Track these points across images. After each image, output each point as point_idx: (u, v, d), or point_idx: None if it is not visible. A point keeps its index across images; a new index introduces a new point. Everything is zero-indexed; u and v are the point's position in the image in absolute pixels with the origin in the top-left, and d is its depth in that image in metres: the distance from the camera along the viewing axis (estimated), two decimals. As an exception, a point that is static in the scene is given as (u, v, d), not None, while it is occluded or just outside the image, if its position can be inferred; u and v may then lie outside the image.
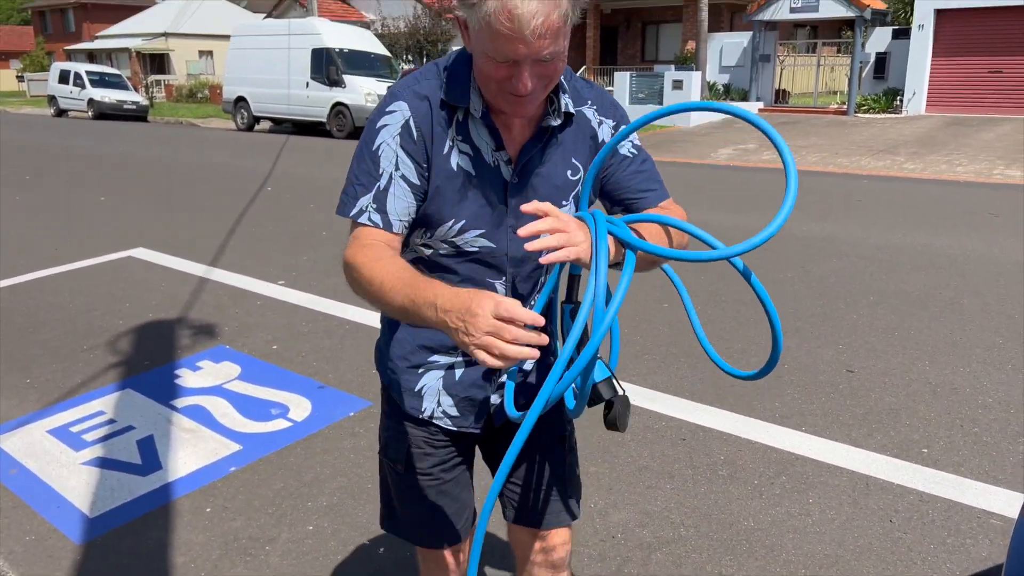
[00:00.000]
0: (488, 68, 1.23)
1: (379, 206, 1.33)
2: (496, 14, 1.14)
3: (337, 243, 6.96)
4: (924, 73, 19.57)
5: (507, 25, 1.15)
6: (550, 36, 1.17)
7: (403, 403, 1.54)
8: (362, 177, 1.34)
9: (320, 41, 19.48)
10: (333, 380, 3.94)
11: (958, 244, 6.82)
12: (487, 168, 1.36)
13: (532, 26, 1.14)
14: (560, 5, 1.16)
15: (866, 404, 3.59)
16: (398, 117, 1.33)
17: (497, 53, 1.19)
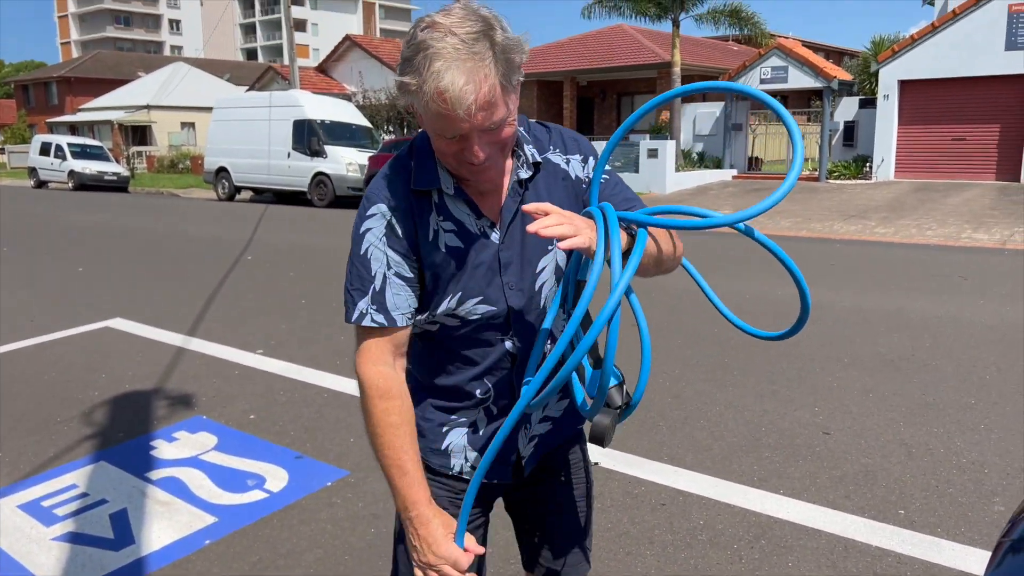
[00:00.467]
0: (441, 145, 1.30)
1: (379, 306, 1.39)
2: (433, 98, 1.21)
3: (316, 311, 6.97)
4: (891, 140, 20.18)
5: (444, 107, 1.21)
6: (486, 109, 1.23)
7: (429, 461, 1.55)
8: (356, 283, 1.40)
9: (302, 113, 19.82)
10: (311, 450, 3.91)
11: (930, 307, 6.95)
12: (475, 238, 1.41)
13: (466, 105, 1.21)
14: (488, 79, 1.22)
15: (843, 466, 3.62)
16: (379, 219, 1.39)
17: (444, 131, 1.26)
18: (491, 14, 1.28)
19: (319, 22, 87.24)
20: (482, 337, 1.47)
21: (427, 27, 1.23)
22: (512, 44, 1.26)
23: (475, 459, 1.55)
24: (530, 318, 1.48)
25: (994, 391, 4.63)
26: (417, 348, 1.52)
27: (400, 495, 1.39)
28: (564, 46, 29.93)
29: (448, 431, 1.55)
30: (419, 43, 1.22)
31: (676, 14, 21.19)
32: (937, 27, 19.36)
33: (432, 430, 1.55)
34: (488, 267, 1.42)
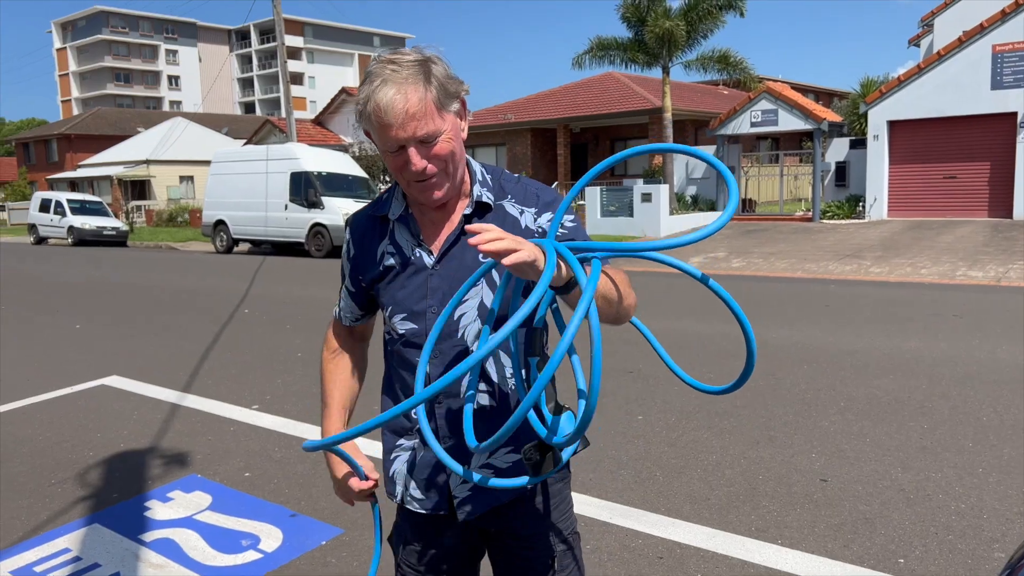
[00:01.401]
0: (389, 162, 1.48)
1: (340, 305, 1.78)
2: (372, 112, 1.42)
3: (312, 365, 6.96)
4: (883, 180, 20.38)
5: (380, 117, 1.41)
6: (417, 119, 1.41)
7: (386, 486, 1.68)
8: (342, 283, 1.75)
9: (299, 165, 20.03)
10: (305, 507, 3.88)
11: (925, 346, 6.96)
12: (408, 261, 1.59)
13: (396, 112, 1.39)
14: (418, 92, 1.41)
15: (841, 514, 3.59)
16: (347, 237, 1.71)
17: (386, 144, 1.45)
18: (434, 54, 1.47)
19: (316, 75, 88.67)
20: (406, 357, 1.61)
21: (376, 62, 1.45)
22: (448, 75, 1.46)
23: (413, 488, 1.63)
24: (450, 344, 1.55)
25: (991, 433, 4.61)
26: (387, 366, 1.71)
27: (322, 426, 1.74)
28: (556, 94, 30.41)
29: (395, 458, 1.67)
30: (367, 73, 1.45)
31: (666, 61, 21.57)
32: (923, 68, 19.70)
33: (384, 457, 1.70)
34: (417, 288, 1.58)
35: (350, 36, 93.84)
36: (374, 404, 5.27)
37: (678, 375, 1.63)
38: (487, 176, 1.61)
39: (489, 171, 1.63)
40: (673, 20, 20.76)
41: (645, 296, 10.44)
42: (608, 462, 4.36)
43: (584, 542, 3.40)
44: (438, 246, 1.57)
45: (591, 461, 4.36)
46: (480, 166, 1.63)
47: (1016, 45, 18.28)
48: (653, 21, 20.80)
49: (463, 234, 1.53)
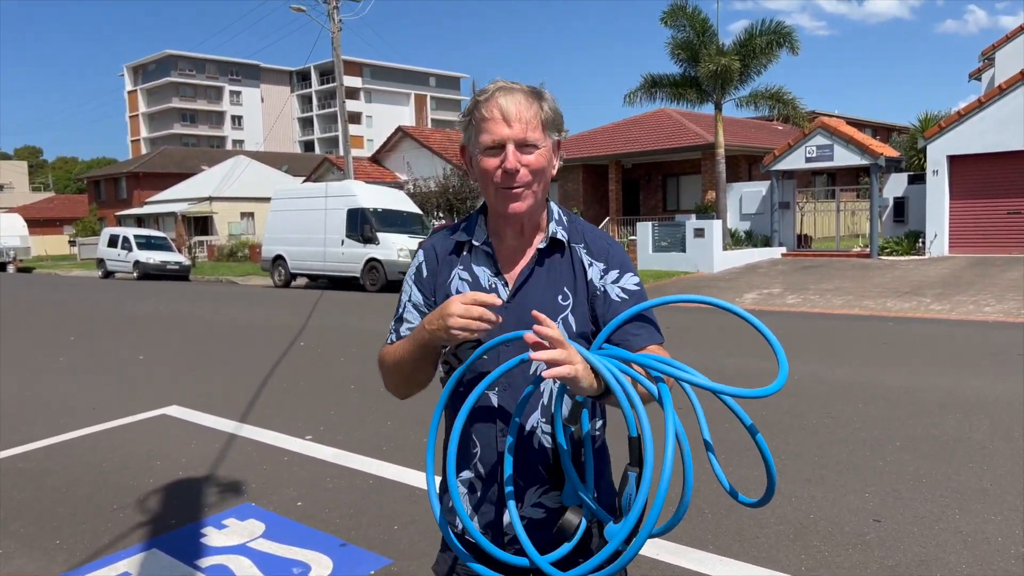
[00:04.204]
0: (484, 165, 1.56)
1: (396, 328, 1.71)
2: (486, 105, 1.55)
3: (365, 396, 7.09)
4: (943, 215, 19.92)
5: (493, 111, 1.54)
6: (525, 123, 1.54)
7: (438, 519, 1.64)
8: (397, 310, 1.73)
9: (356, 202, 20.51)
10: (355, 537, 3.95)
11: (987, 386, 6.76)
12: (484, 291, 1.61)
13: (510, 110, 1.54)
14: (532, 107, 1.56)
15: (895, 555, 3.51)
16: (416, 262, 1.72)
17: (491, 138, 1.54)
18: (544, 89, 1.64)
19: (373, 115, 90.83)
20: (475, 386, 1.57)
21: (493, 82, 1.60)
22: (556, 109, 1.63)
23: (469, 524, 1.59)
24: (518, 379, 1.57)
25: (1056, 475, 4.46)
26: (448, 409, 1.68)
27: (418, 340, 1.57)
28: (608, 131, 30.58)
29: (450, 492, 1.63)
30: (480, 90, 1.60)
31: (718, 98, 21.57)
32: (984, 102, 19.32)
33: (442, 493, 1.72)
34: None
35: (406, 76, 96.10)
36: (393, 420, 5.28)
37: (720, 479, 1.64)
38: (563, 217, 1.70)
39: (565, 214, 1.72)
40: (728, 56, 20.80)
41: (699, 332, 10.34)
42: (656, 498, 4.33)
43: (630, 578, 3.40)
44: (512, 279, 1.62)
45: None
46: (558, 207, 1.72)
47: (1082, 77, 17.81)
48: (707, 58, 20.87)
49: (537, 266, 1.62)
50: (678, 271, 20.50)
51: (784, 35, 21.06)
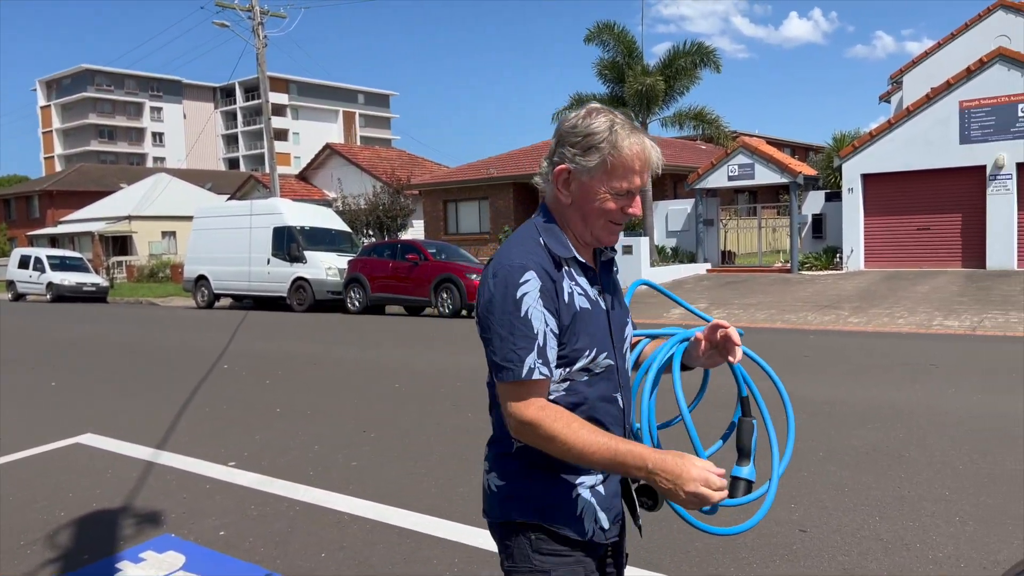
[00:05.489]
0: (606, 204, 1.63)
1: (543, 360, 1.56)
2: (635, 153, 1.60)
3: (291, 420, 6.91)
4: (859, 231, 20.73)
5: (642, 161, 1.61)
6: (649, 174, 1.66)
7: (565, 531, 1.64)
8: (520, 341, 1.55)
9: (282, 220, 20.14)
10: (281, 566, 3.82)
11: (903, 397, 7.01)
12: (593, 301, 1.67)
13: (652, 163, 1.63)
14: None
15: (820, 565, 3.58)
16: (535, 284, 1.58)
17: (627, 184, 1.61)
18: None
19: (300, 131, 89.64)
20: (602, 392, 1.68)
21: (600, 111, 1.63)
22: None
23: (603, 519, 1.68)
24: (624, 373, 1.75)
25: (968, 482, 4.64)
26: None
27: (627, 462, 1.49)
28: (539, 149, 30.85)
29: (577, 496, 1.65)
30: (607, 119, 1.61)
31: (644, 117, 22.01)
32: (894, 123, 20.24)
33: (565, 500, 1.64)
34: (603, 326, 1.68)
35: (334, 93, 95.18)
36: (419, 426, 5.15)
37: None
38: None
39: None
40: (653, 76, 21.26)
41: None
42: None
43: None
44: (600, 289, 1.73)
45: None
46: None
47: (982, 101, 18.85)
48: (633, 78, 21.29)
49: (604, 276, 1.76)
50: (607, 287, 20.75)
51: (707, 54, 21.67)
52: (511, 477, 1.67)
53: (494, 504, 1.70)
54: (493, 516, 1.71)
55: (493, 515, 1.71)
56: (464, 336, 13.54)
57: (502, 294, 1.57)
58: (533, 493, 1.64)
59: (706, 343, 1.78)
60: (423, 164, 39.49)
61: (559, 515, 1.63)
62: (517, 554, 1.66)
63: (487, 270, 1.65)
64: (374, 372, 9.54)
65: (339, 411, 7.29)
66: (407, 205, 29.56)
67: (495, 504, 1.69)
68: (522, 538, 1.65)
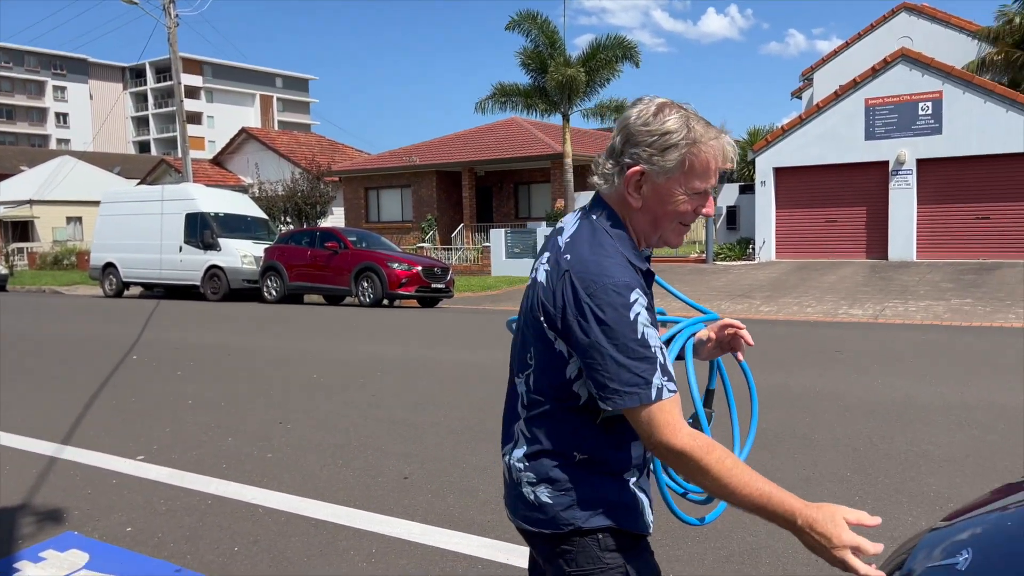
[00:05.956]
0: (680, 206, 1.56)
1: (668, 377, 1.49)
2: (721, 154, 1.53)
3: (203, 412, 6.72)
4: (771, 223, 21.44)
5: (722, 161, 1.55)
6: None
7: (642, 528, 1.64)
8: (643, 364, 1.47)
9: (195, 206, 19.50)
10: (192, 562, 3.71)
11: (809, 382, 7.30)
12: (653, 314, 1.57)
13: (731, 155, 1.56)
14: None
15: (729, 546, 3.70)
16: (642, 302, 1.49)
17: (704, 184, 1.55)
18: None
19: (215, 115, 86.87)
20: None
21: (671, 106, 1.54)
22: None
23: (650, 513, 1.68)
24: None
25: (868, 463, 4.87)
26: (604, 435, 1.60)
27: (779, 513, 1.45)
28: (462, 138, 30.78)
29: (634, 494, 1.64)
30: (682, 114, 1.53)
31: (566, 108, 22.19)
32: (804, 119, 20.98)
33: (629, 499, 1.63)
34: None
35: (251, 76, 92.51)
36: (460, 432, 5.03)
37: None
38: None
39: None
40: (575, 67, 21.44)
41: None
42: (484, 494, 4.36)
43: (480, 585, 3.39)
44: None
45: (491, 502, 4.37)
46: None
47: (886, 99, 19.72)
48: (555, 69, 21.42)
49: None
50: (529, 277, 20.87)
51: (627, 49, 21.98)
52: (571, 486, 1.61)
53: (552, 516, 1.62)
54: (552, 527, 1.62)
55: (551, 527, 1.62)
56: (385, 326, 13.43)
57: (614, 318, 1.46)
58: (599, 497, 1.61)
59: (714, 340, 1.80)
60: (343, 150, 38.86)
61: (626, 514, 1.62)
62: (583, 558, 1.61)
63: (569, 283, 1.51)
64: (291, 362, 9.36)
65: (254, 402, 7.13)
66: (327, 192, 29.04)
67: (554, 516, 1.62)
68: (588, 540, 1.61)
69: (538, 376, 1.61)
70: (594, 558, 1.61)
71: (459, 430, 6.00)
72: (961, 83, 19.01)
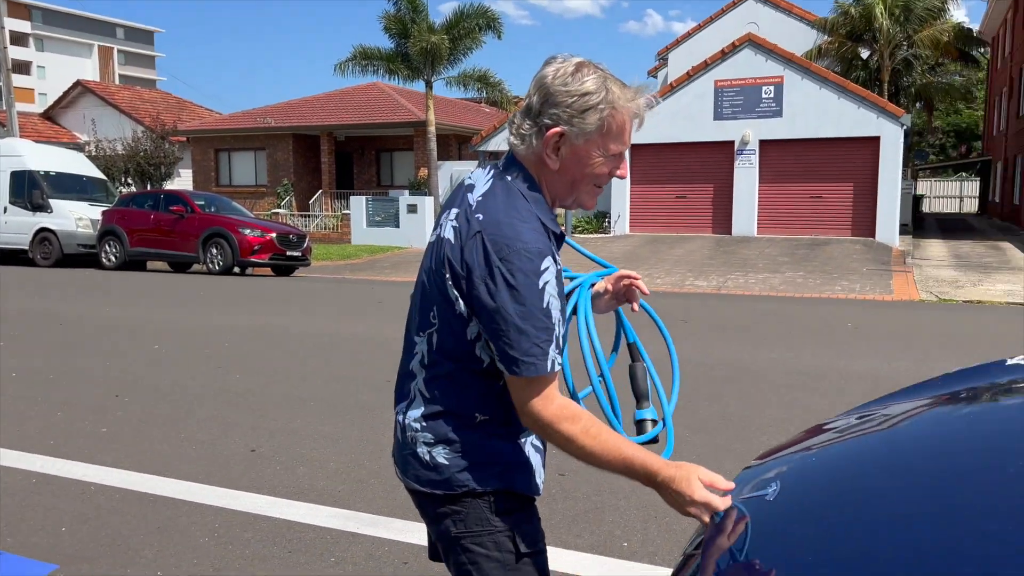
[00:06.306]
0: (597, 168, 1.54)
1: (559, 349, 1.51)
2: (629, 112, 1.52)
3: (28, 385, 6.22)
4: (626, 198, 22.18)
5: (633, 121, 1.54)
6: None
7: (527, 488, 1.63)
8: (542, 335, 1.46)
9: (22, 163, 17.90)
10: (14, 544, 3.44)
11: (655, 348, 7.62)
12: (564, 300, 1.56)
13: (643, 114, 1.55)
14: None
15: (576, 506, 3.84)
16: (552, 271, 1.48)
17: (618, 146, 1.54)
18: None
19: (47, 65, 79.68)
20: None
21: (588, 66, 1.52)
22: None
23: (541, 474, 1.70)
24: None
25: (705, 423, 5.16)
26: (507, 396, 1.55)
27: (641, 473, 1.47)
28: (321, 100, 29.81)
29: (528, 455, 1.65)
30: (600, 74, 1.51)
31: (428, 76, 21.94)
32: (658, 98, 21.72)
33: (523, 461, 1.64)
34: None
35: (89, 25, 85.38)
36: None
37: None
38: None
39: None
40: (438, 34, 21.19)
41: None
42: (358, 471, 4.32)
43: (329, 555, 3.35)
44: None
45: (341, 472, 4.31)
46: None
47: (733, 82, 20.75)
48: (417, 35, 21.09)
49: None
50: (392, 246, 20.66)
51: (491, 19, 21.95)
52: (469, 448, 1.59)
53: (447, 476, 1.60)
54: (445, 488, 1.61)
55: (444, 487, 1.61)
56: (236, 295, 12.90)
57: (524, 284, 1.44)
58: (495, 459, 1.60)
59: (611, 292, 1.81)
60: (192, 109, 36.75)
61: (520, 477, 1.62)
62: (472, 520, 1.60)
63: (480, 244, 1.47)
64: (131, 332, 8.82)
65: (88, 374, 6.68)
66: (172, 153, 27.40)
67: (449, 476, 1.60)
68: (480, 502, 1.60)
69: (441, 336, 1.57)
70: (483, 520, 1.60)
71: (311, 401, 5.87)
72: (800, 69, 20.28)
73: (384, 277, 15.76)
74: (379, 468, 4.38)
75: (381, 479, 4.21)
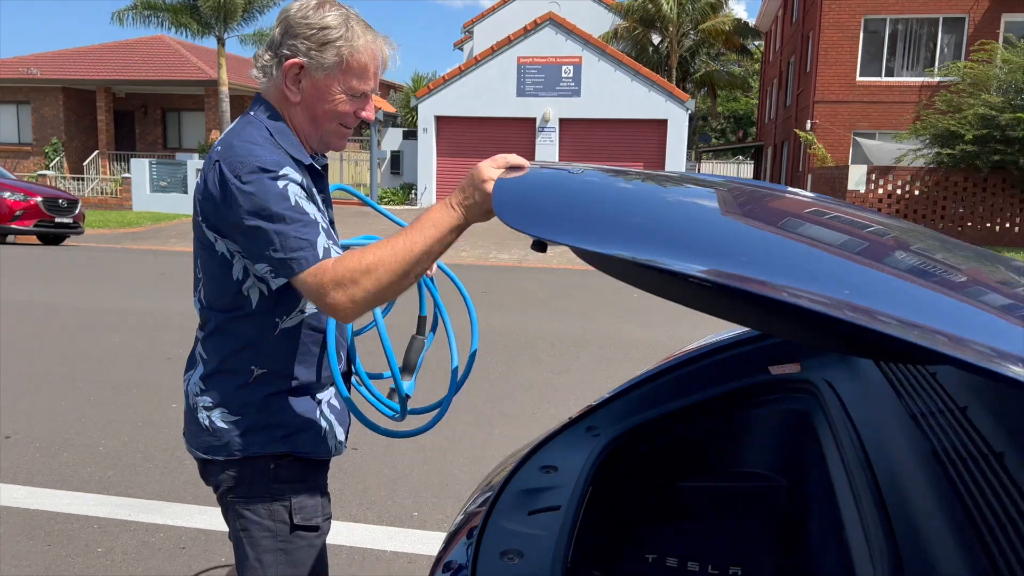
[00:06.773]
0: (340, 106, 1.51)
1: (333, 241, 1.43)
2: (370, 54, 1.50)
3: None
4: (432, 170, 22.16)
5: (377, 63, 1.52)
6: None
7: (318, 451, 1.57)
8: (303, 229, 1.38)
9: None
10: None
11: (456, 318, 7.70)
12: (322, 213, 1.47)
13: (384, 65, 1.55)
14: None
15: (367, 480, 3.80)
16: (294, 178, 1.43)
17: (362, 87, 1.51)
18: None
19: None
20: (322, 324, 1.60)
21: (332, 3, 1.50)
22: None
23: (340, 433, 1.64)
24: None
25: (504, 392, 5.29)
26: (284, 346, 1.53)
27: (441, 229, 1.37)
28: (96, 52, 27.10)
29: (320, 415, 1.59)
30: (342, 12, 1.49)
31: (220, 32, 20.62)
32: (464, 71, 21.83)
33: (312, 422, 1.57)
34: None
35: None
36: None
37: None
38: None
39: None
40: (229, -11, 19.93)
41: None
42: (131, 456, 4.01)
43: (96, 545, 3.09)
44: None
45: (112, 457, 3.98)
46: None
47: (535, 59, 21.25)
48: (208, -13, 19.72)
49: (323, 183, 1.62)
50: (180, 214, 19.32)
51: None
52: (251, 409, 1.52)
53: (226, 441, 1.53)
54: (225, 453, 1.53)
55: (224, 452, 1.53)
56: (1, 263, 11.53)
57: (262, 190, 1.37)
58: (279, 421, 1.54)
59: None
60: (-60, 53, 32.10)
61: (307, 439, 1.56)
62: (249, 484, 1.54)
63: (218, 170, 1.41)
64: None
65: None
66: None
67: (228, 440, 1.52)
68: (259, 467, 1.54)
69: (208, 288, 1.52)
70: (260, 486, 1.56)
71: (80, 381, 5.37)
72: (597, 51, 21.12)
73: (169, 247, 14.71)
74: (155, 451, 4.09)
75: (157, 463, 3.94)
